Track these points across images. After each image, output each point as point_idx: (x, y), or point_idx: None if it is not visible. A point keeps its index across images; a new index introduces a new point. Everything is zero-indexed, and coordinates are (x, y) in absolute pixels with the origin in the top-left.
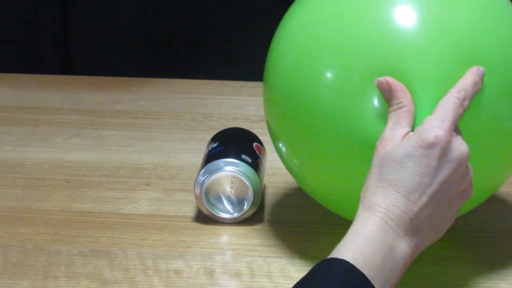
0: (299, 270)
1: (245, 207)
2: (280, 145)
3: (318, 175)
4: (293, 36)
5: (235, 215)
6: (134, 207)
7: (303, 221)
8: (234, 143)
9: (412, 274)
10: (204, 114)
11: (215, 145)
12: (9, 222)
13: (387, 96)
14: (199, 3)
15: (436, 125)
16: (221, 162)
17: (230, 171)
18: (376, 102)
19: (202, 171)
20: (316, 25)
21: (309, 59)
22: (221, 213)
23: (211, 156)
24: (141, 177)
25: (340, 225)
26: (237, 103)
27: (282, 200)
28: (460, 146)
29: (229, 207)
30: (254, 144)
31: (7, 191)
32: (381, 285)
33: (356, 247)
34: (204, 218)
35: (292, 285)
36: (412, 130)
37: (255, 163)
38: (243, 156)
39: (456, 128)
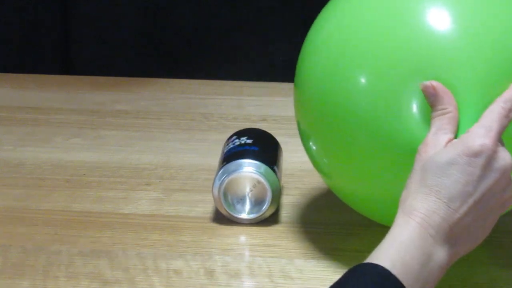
0: (299, 270)
1: (263, 207)
2: (311, 144)
3: (348, 176)
4: (327, 40)
5: (252, 216)
6: (134, 207)
7: (304, 222)
8: (269, 150)
9: None
10: (204, 114)
11: (248, 141)
12: (9, 222)
13: (432, 100)
14: (199, 3)
15: (482, 134)
16: (246, 162)
17: (250, 172)
18: (412, 106)
19: (221, 170)
20: (351, 29)
21: (343, 62)
22: (242, 213)
23: (242, 152)
24: (141, 177)
25: (341, 225)
26: (237, 103)
27: (283, 201)
28: (504, 157)
29: (246, 208)
30: (281, 158)
31: (7, 191)
32: None
33: (394, 253)
34: (204, 218)
35: None
36: (455, 137)
37: (279, 173)
38: (275, 168)
39: (500, 139)
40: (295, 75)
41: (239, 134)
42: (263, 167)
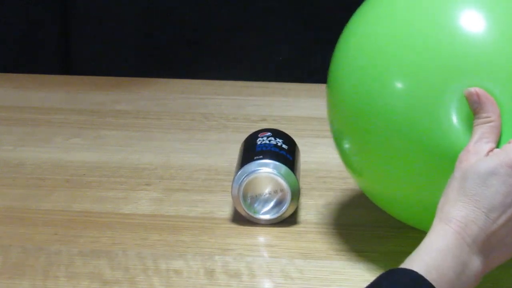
0: (299, 270)
1: (282, 208)
2: (344, 143)
3: (381, 178)
4: (363, 41)
5: (271, 216)
6: (134, 207)
7: (303, 222)
8: (298, 162)
9: None
10: (204, 114)
11: (284, 146)
12: (9, 222)
13: (475, 107)
14: (199, 3)
15: None
16: (270, 163)
17: (271, 173)
18: (450, 112)
19: (240, 171)
20: (387, 31)
21: (380, 65)
22: (261, 214)
23: (280, 155)
24: (141, 177)
25: (342, 226)
26: (237, 103)
27: None
28: None
29: (265, 208)
30: (299, 159)
31: (7, 191)
32: None
33: (430, 260)
34: (204, 218)
35: None
36: (497, 146)
37: (298, 175)
38: (295, 170)
39: None
40: (328, 76)
41: (274, 133)
42: (282, 167)
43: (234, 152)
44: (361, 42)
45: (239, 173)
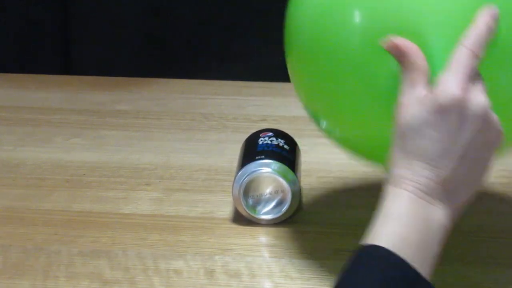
0: (299, 270)
1: (283, 208)
2: (316, 98)
3: (343, 120)
4: None
5: (272, 216)
6: (134, 207)
7: (304, 222)
8: (299, 162)
9: None
10: (204, 114)
11: (286, 146)
12: (9, 222)
13: (397, 57)
14: (199, 3)
15: (450, 84)
16: (271, 163)
17: (271, 173)
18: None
19: (241, 171)
20: None
21: (334, 9)
22: (262, 214)
23: (281, 156)
24: (141, 177)
25: (342, 225)
26: (237, 103)
27: None
28: (478, 101)
29: (266, 209)
30: (300, 159)
31: (7, 191)
32: (423, 261)
33: (391, 229)
34: (204, 218)
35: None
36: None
37: (299, 175)
38: (295, 170)
39: (475, 76)
40: (285, 37)
41: (276, 133)
42: (283, 167)
43: (234, 152)
44: None
45: (240, 173)
